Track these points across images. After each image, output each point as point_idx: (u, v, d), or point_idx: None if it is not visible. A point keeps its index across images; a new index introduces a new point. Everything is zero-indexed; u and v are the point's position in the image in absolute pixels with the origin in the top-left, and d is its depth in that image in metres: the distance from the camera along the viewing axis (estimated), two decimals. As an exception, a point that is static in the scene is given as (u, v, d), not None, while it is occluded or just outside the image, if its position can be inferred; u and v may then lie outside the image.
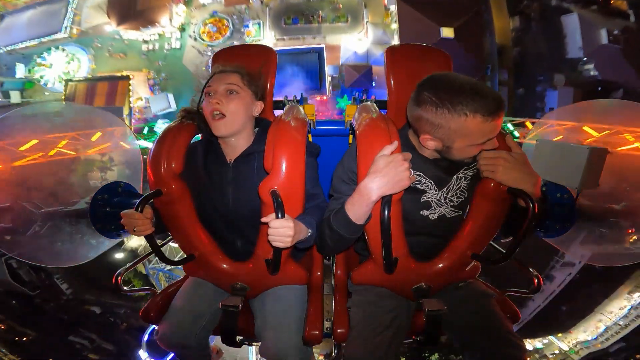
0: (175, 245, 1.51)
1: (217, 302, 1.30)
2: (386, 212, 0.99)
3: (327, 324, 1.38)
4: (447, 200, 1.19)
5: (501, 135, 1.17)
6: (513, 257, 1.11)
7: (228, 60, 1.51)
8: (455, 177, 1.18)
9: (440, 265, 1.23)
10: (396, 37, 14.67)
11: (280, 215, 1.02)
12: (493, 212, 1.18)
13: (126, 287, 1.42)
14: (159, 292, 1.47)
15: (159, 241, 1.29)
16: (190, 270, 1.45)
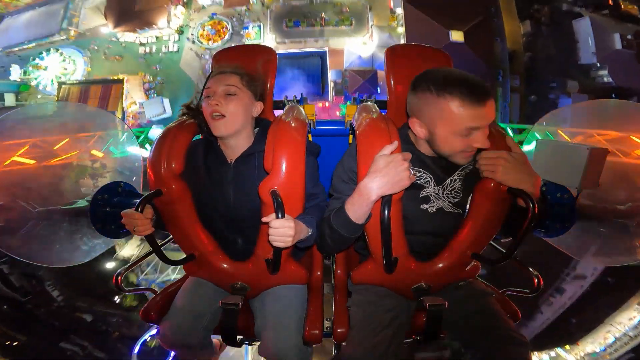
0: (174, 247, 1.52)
1: (217, 301, 1.29)
2: (386, 211, 1.00)
3: (327, 324, 1.38)
4: (445, 194, 1.20)
5: (501, 136, 1.17)
6: (513, 257, 1.11)
7: (228, 60, 1.52)
8: (449, 179, 1.20)
9: (440, 264, 1.23)
10: (403, 41, 14.17)
11: (280, 215, 1.02)
12: (493, 212, 1.18)
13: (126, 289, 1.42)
14: (159, 292, 1.47)
15: (158, 241, 1.29)
16: (190, 270, 1.45)
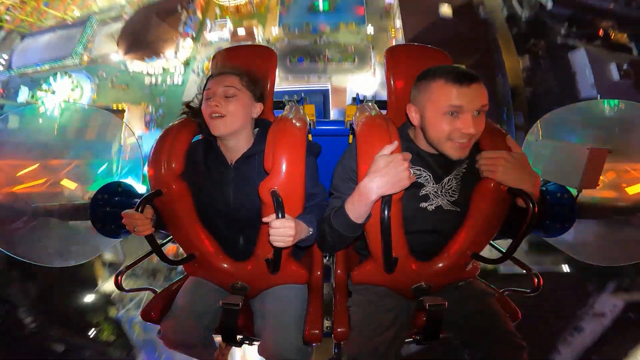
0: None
1: (218, 301, 1.30)
2: (386, 211, 1.00)
3: (327, 323, 1.38)
4: (444, 192, 1.21)
5: (501, 136, 1.17)
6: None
7: (227, 60, 1.51)
8: (447, 178, 1.20)
9: (440, 264, 1.23)
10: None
11: (280, 215, 1.03)
12: (493, 212, 1.18)
13: (124, 291, 1.41)
14: (160, 292, 1.47)
15: (158, 241, 1.29)
16: (190, 269, 1.45)
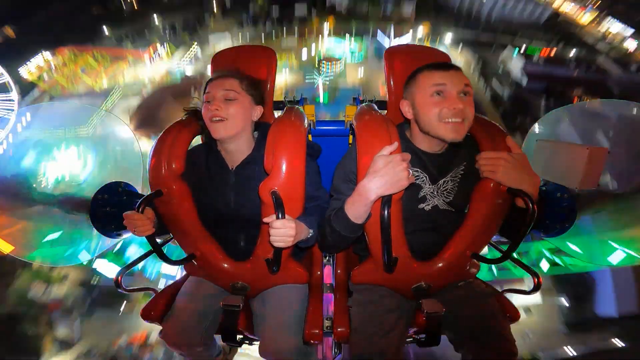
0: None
1: (218, 301, 1.30)
2: (386, 211, 1.00)
3: (327, 323, 1.38)
4: (439, 193, 1.22)
5: (501, 136, 1.17)
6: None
7: (227, 61, 1.51)
8: (443, 180, 1.22)
9: (440, 264, 1.23)
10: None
11: (281, 216, 1.03)
12: (492, 212, 1.18)
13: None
14: (160, 292, 1.47)
15: (158, 240, 1.29)
16: (191, 269, 1.45)
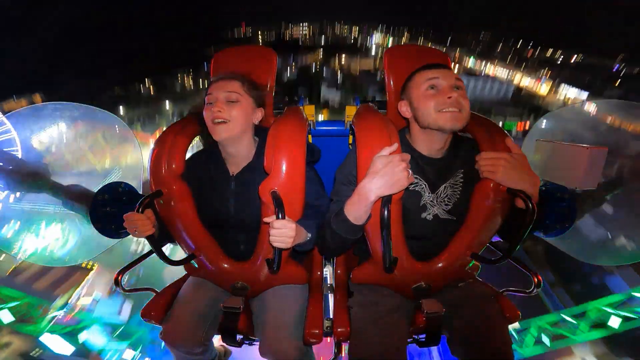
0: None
1: (219, 301, 1.30)
2: (386, 212, 1.00)
3: (327, 323, 1.38)
4: (439, 201, 1.22)
5: (501, 136, 1.18)
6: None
7: (228, 61, 1.52)
8: (443, 186, 1.22)
9: (439, 264, 1.23)
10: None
11: (281, 216, 1.03)
12: (492, 212, 1.18)
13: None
14: (160, 292, 1.47)
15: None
16: (191, 269, 1.45)
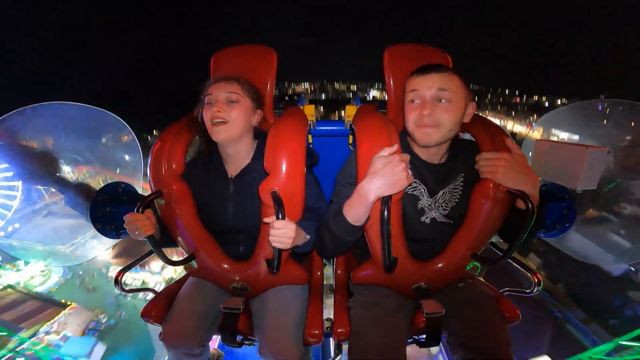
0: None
1: (218, 302, 1.30)
2: (386, 212, 1.00)
3: (327, 324, 1.38)
4: (437, 205, 1.23)
5: (502, 137, 1.17)
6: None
7: (227, 60, 1.51)
8: (441, 191, 1.23)
9: (439, 265, 1.23)
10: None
11: (281, 216, 1.03)
12: (492, 213, 1.17)
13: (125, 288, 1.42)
14: (160, 292, 1.47)
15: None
16: (191, 270, 1.45)
